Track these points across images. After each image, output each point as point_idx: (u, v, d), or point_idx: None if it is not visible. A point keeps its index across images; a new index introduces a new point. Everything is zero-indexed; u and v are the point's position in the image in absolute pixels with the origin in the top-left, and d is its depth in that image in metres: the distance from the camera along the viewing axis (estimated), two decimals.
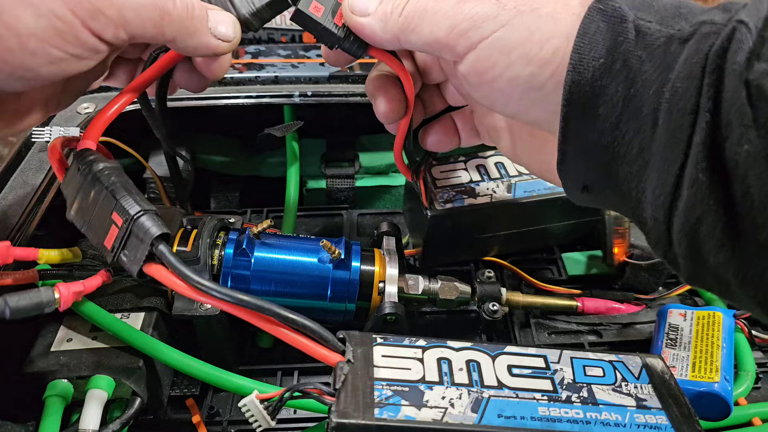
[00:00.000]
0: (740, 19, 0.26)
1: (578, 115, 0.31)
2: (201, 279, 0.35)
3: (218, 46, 0.38)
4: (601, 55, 0.30)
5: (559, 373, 0.37)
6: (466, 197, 0.51)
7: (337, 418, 0.32)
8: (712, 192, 0.27)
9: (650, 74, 0.29)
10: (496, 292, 0.50)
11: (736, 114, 0.25)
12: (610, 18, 0.30)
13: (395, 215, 0.66)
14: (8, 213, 0.48)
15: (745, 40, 0.26)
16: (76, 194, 0.38)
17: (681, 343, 0.47)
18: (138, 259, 0.36)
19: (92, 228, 0.37)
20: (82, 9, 0.32)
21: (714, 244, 0.28)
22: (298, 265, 0.46)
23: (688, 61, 0.27)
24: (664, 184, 0.29)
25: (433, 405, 0.33)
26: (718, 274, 0.29)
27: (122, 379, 0.41)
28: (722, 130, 0.26)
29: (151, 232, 0.35)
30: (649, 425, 0.34)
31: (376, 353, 0.36)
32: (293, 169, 0.63)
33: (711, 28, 0.27)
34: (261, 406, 0.34)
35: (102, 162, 0.38)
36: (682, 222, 0.29)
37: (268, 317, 0.36)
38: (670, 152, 0.28)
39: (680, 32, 0.29)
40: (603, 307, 0.54)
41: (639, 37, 0.30)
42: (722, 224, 0.27)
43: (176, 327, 0.46)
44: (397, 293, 0.46)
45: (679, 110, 0.27)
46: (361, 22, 0.37)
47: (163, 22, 0.35)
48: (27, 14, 0.30)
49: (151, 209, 0.36)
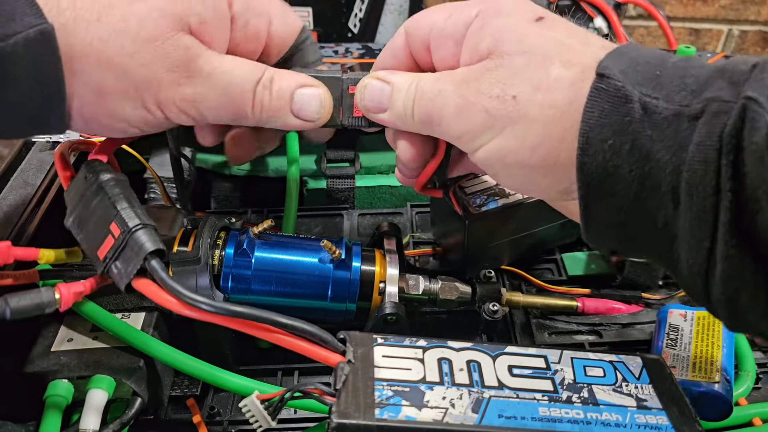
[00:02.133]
0: (748, 95, 0.26)
1: (596, 197, 0.31)
2: (194, 295, 0.35)
3: (301, 125, 0.40)
4: (608, 136, 0.30)
5: (560, 374, 0.37)
6: (498, 198, 0.51)
7: (338, 419, 0.32)
8: (747, 265, 0.27)
9: (663, 154, 0.29)
10: (497, 293, 0.50)
11: (764, 193, 0.25)
12: (613, 98, 0.30)
13: (396, 215, 0.66)
14: (9, 213, 0.48)
15: (759, 118, 0.25)
16: (78, 202, 0.38)
17: (681, 343, 0.47)
18: (129, 272, 0.36)
19: (88, 236, 0.37)
20: (170, 110, 0.36)
21: (756, 313, 0.28)
22: (299, 265, 0.46)
23: (703, 143, 0.27)
24: (696, 256, 0.29)
25: (433, 405, 0.33)
26: (762, 332, 0.30)
27: (123, 379, 0.41)
28: (750, 207, 0.26)
29: (146, 247, 0.35)
30: (649, 425, 0.34)
31: (377, 353, 0.36)
32: (293, 169, 0.63)
33: (720, 107, 0.27)
34: (261, 407, 0.34)
35: (109, 173, 0.38)
36: (720, 291, 0.28)
37: (265, 326, 0.36)
38: (697, 230, 0.28)
39: (689, 108, 0.28)
40: (603, 307, 0.54)
41: (646, 116, 0.29)
42: (764, 294, 0.27)
43: (177, 327, 0.46)
44: (397, 293, 0.46)
45: (700, 192, 0.27)
46: (381, 118, 0.39)
47: (242, 121, 0.39)
48: (128, 105, 0.35)
49: (150, 224, 0.36)
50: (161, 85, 0.35)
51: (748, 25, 1.41)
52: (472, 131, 0.35)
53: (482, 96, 0.34)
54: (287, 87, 0.38)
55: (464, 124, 0.35)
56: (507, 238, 0.54)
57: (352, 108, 0.41)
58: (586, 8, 0.97)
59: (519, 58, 0.33)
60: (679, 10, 1.40)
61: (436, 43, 0.38)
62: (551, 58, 0.33)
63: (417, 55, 0.40)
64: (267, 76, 0.38)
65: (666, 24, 1.00)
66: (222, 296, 0.44)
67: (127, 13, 0.33)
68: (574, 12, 0.97)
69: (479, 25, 0.35)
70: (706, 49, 1.45)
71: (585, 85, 0.31)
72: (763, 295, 0.27)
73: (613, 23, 0.97)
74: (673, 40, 1.00)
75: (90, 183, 0.38)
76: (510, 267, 0.57)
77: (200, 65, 0.35)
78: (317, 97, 0.39)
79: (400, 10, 1.02)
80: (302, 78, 0.39)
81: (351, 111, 0.40)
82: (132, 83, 0.34)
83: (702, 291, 0.30)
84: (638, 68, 0.31)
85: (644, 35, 1.44)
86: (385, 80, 0.39)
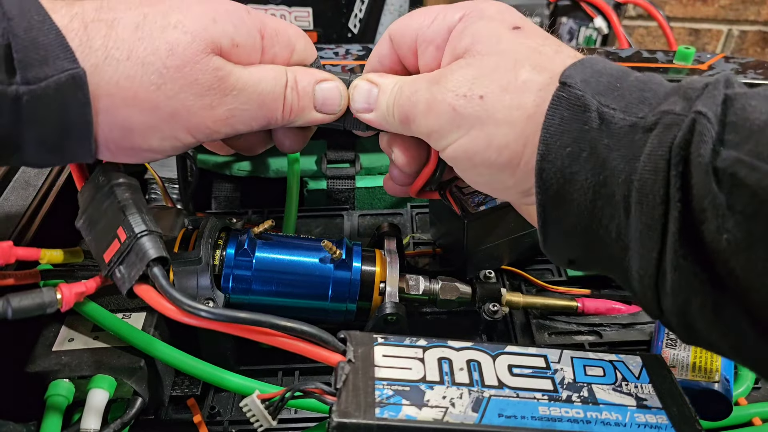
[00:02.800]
0: (698, 110, 0.27)
1: (554, 203, 0.32)
2: (193, 303, 0.35)
3: (322, 119, 0.40)
4: (567, 143, 0.30)
5: (560, 373, 0.37)
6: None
7: (338, 418, 0.32)
8: (695, 275, 0.27)
9: (618, 162, 0.29)
10: (497, 293, 0.50)
11: (710, 204, 0.26)
12: (573, 106, 0.31)
13: (396, 215, 0.66)
14: (10, 213, 0.48)
15: (706, 132, 0.26)
16: (90, 204, 0.38)
17: (681, 343, 0.47)
18: (131, 277, 0.36)
19: (96, 239, 0.38)
20: (201, 134, 0.36)
21: (705, 323, 0.28)
22: (300, 266, 0.46)
23: (653, 153, 0.28)
24: (646, 266, 0.29)
25: (433, 404, 0.34)
26: (712, 344, 0.30)
27: (124, 378, 0.41)
28: (696, 218, 0.27)
29: (149, 253, 0.35)
30: (649, 425, 0.34)
31: (377, 353, 0.36)
32: (294, 170, 0.63)
33: (672, 119, 0.28)
34: (262, 406, 0.34)
35: (122, 177, 0.38)
36: (670, 302, 0.29)
37: (265, 330, 0.36)
38: (647, 240, 0.28)
39: (643, 120, 0.29)
40: (603, 307, 0.54)
41: (604, 125, 0.30)
42: (711, 304, 0.27)
43: (177, 327, 0.46)
44: (397, 293, 0.46)
45: (649, 201, 0.28)
46: (369, 118, 0.40)
47: (271, 125, 0.39)
48: (155, 138, 0.35)
49: (156, 231, 0.36)
50: (191, 112, 0.34)
51: (747, 25, 1.41)
52: (441, 129, 0.35)
53: (449, 93, 0.34)
54: (309, 84, 0.39)
55: (433, 120, 0.35)
56: (506, 237, 0.54)
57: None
58: (586, 8, 0.97)
59: (490, 58, 0.34)
60: (679, 10, 1.40)
61: (421, 47, 0.38)
62: (522, 62, 0.33)
63: (404, 59, 0.40)
64: (291, 78, 0.38)
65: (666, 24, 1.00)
66: (223, 296, 0.44)
67: (159, 43, 0.33)
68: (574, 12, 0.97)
69: (461, 29, 0.36)
70: (706, 49, 1.45)
71: (552, 90, 0.32)
72: (711, 306, 0.27)
73: (613, 23, 0.97)
74: (673, 40, 1.00)
75: (102, 186, 0.38)
76: (510, 267, 0.57)
77: (231, 83, 0.35)
78: (336, 89, 0.39)
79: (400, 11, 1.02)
80: (318, 73, 0.39)
81: (350, 112, 0.41)
82: (159, 118, 0.34)
83: (654, 303, 0.30)
84: (601, 79, 0.31)
85: (644, 35, 1.45)
86: (374, 82, 0.40)
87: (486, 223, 0.51)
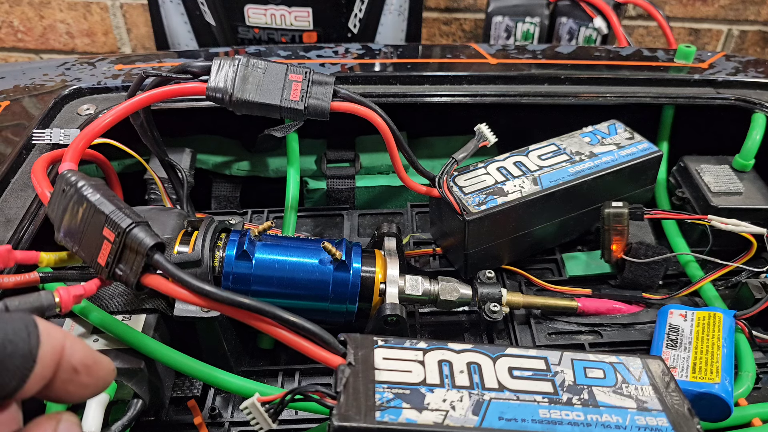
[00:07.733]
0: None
1: None
2: (202, 284, 0.35)
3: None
4: None
5: (560, 375, 0.37)
6: (497, 197, 0.52)
7: (339, 421, 0.32)
8: None
9: None
10: (497, 293, 0.50)
11: None
12: None
13: (396, 216, 0.66)
14: (9, 216, 0.48)
15: None
16: (64, 215, 0.38)
17: (681, 343, 0.47)
18: (135, 271, 0.36)
19: (84, 247, 0.37)
20: None
21: None
22: (299, 267, 0.46)
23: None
24: None
25: (434, 408, 0.33)
26: None
27: (124, 380, 0.41)
28: None
29: (145, 243, 0.35)
30: (649, 427, 0.34)
31: (377, 356, 0.36)
32: (293, 170, 0.63)
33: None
34: (262, 409, 0.34)
35: (85, 180, 0.38)
36: None
37: (269, 320, 0.36)
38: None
39: None
40: (603, 307, 0.54)
41: None
42: None
43: (177, 328, 0.46)
44: (397, 294, 0.46)
45: None
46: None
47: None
48: None
49: (142, 221, 0.36)
50: None
51: (747, 25, 1.41)
52: None
53: None
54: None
55: None
56: (506, 237, 0.54)
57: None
58: (586, 8, 0.97)
59: None
60: (679, 10, 1.40)
61: None
62: None
63: None
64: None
65: (666, 24, 1.00)
66: None
67: None
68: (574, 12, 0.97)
69: None
70: (706, 49, 1.45)
71: None
72: None
73: (613, 23, 0.97)
74: (673, 40, 1.00)
75: (70, 195, 0.37)
76: (510, 267, 0.57)
77: None
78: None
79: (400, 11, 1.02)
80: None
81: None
82: None
83: None
84: None
85: (644, 35, 1.44)
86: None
87: (486, 223, 0.51)
